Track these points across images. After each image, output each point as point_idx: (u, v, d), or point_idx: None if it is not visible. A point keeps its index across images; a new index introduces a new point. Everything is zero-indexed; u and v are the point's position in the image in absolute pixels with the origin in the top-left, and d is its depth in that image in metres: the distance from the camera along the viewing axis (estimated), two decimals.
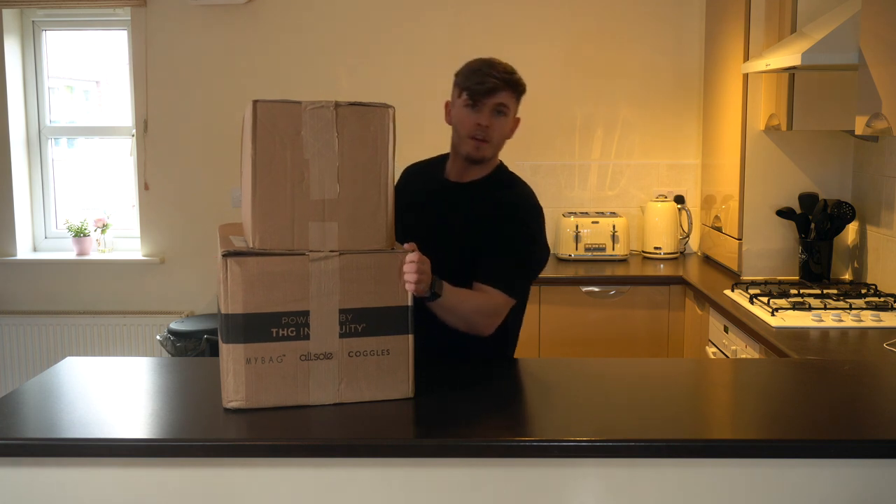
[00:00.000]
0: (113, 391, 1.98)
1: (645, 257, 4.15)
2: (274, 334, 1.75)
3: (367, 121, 1.80)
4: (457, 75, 2.25)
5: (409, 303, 1.82)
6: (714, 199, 4.00)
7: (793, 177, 3.53)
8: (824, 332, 2.69)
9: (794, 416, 1.83)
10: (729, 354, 3.05)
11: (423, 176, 2.38)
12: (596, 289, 3.72)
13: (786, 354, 2.45)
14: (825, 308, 2.87)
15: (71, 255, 4.43)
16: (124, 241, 4.52)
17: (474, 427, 1.76)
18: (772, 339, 2.59)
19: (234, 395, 1.75)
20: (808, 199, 3.47)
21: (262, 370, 1.75)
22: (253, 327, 1.74)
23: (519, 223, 2.18)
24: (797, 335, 2.64)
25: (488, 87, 2.14)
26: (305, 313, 1.76)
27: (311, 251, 1.76)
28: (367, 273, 1.79)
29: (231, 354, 1.74)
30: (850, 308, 2.87)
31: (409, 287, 1.81)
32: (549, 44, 4.25)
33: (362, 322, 1.79)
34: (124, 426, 1.74)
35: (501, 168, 2.31)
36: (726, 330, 3.09)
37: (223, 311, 1.75)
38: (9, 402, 1.86)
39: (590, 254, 4.02)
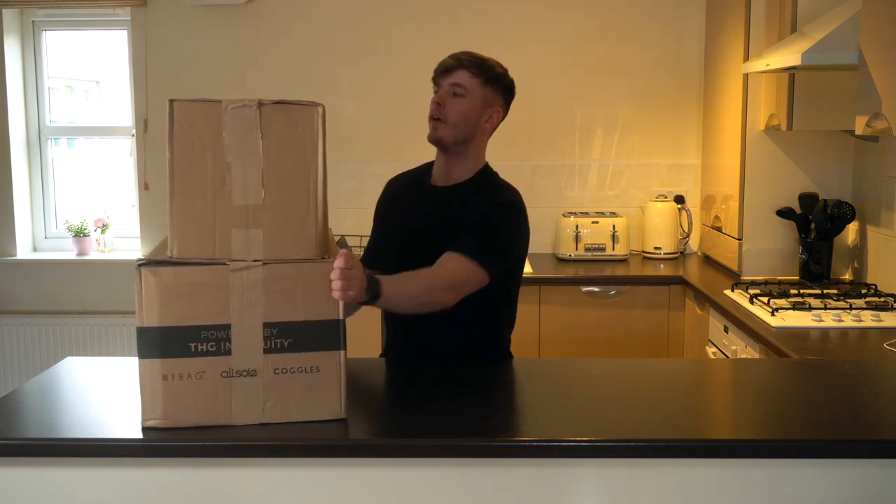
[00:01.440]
0: (113, 391, 1.98)
1: (645, 257, 4.15)
2: (192, 349, 1.65)
3: (293, 120, 1.69)
4: None
5: (341, 316, 1.69)
6: (714, 199, 3.99)
7: (793, 177, 3.53)
8: (824, 332, 2.69)
9: (794, 416, 1.83)
10: (729, 354, 3.05)
11: (409, 185, 2.34)
12: (596, 289, 3.72)
13: (786, 354, 2.45)
14: (825, 308, 2.87)
15: (71, 255, 4.43)
16: (124, 241, 4.52)
17: (474, 427, 1.75)
18: (772, 339, 2.59)
19: (151, 413, 1.66)
20: (808, 199, 3.47)
21: (181, 387, 1.65)
22: (170, 342, 1.64)
23: (496, 214, 2.15)
24: (797, 335, 2.64)
25: (444, 67, 2.17)
26: (226, 327, 1.65)
27: (232, 260, 1.66)
28: (293, 284, 1.67)
29: (147, 370, 1.65)
30: (850, 308, 2.87)
31: (337, 295, 1.68)
32: (550, 44, 4.25)
33: (289, 337, 1.68)
34: (124, 426, 1.73)
35: (486, 170, 2.27)
36: (726, 330, 3.09)
37: (137, 324, 1.65)
38: (9, 402, 1.86)
39: (590, 254, 4.02)
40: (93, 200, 4.62)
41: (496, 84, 2.19)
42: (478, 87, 2.16)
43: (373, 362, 2.34)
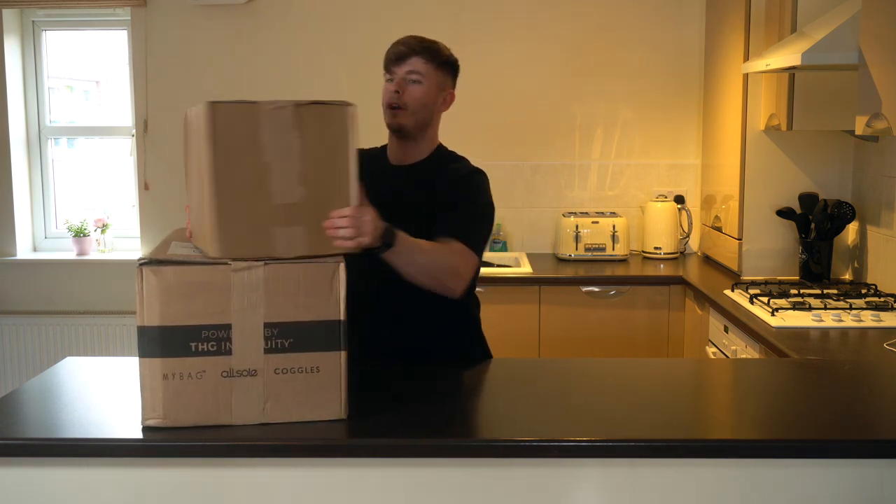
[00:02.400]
0: (113, 391, 1.98)
1: (645, 257, 4.15)
2: (193, 349, 1.65)
3: (327, 120, 1.73)
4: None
5: (342, 317, 1.70)
6: (714, 199, 3.99)
7: (793, 177, 3.53)
8: (824, 332, 2.69)
9: (794, 416, 1.83)
10: (729, 354, 3.05)
11: (368, 163, 2.34)
12: (596, 289, 3.72)
13: (786, 354, 2.45)
14: (825, 308, 2.87)
15: (71, 255, 4.43)
16: (124, 241, 4.52)
17: (474, 427, 1.75)
18: (772, 339, 2.59)
19: (151, 412, 1.67)
20: (808, 199, 3.47)
21: (181, 387, 1.65)
22: (170, 341, 1.64)
23: (468, 189, 2.19)
24: (797, 335, 2.64)
25: (397, 54, 2.19)
26: (227, 327, 1.65)
27: (234, 261, 1.66)
28: (294, 284, 1.67)
29: (147, 369, 1.65)
30: (850, 308, 2.87)
31: (347, 243, 1.70)
32: (550, 44, 4.25)
33: (289, 337, 1.68)
34: (124, 426, 1.73)
35: (441, 148, 2.32)
36: (726, 330, 3.09)
37: (138, 324, 1.65)
38: (9, 402, 1.86)
39: (590, 254, 4.02)
40: (93, 200, 4.62)
41: (447, 67, 2.23)
42: (432, 72, 2.19)
43: (373, 362, 2.34)
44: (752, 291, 3.12)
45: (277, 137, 1.69)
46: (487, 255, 4.16)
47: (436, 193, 2.18)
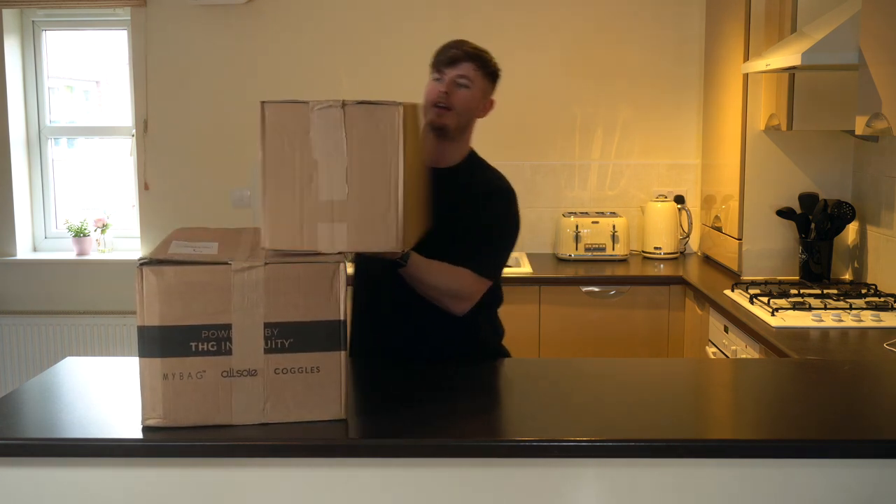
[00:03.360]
0: (113, 391, 1.98)
1: (645, 257, 4.15)
2: (193, 349, 1.65)
3: (376, 119, 1.76)
4: (433, 56, 2.31)
5: (342, 317, 1.70)
6: (714, 199, 4.00)
7: (793, 177, 3.53)
8: (824, 332, 2.69)
9: (794, 416, 1.83)
10: (729, 354, 3.05)
11: None
12: (596, 289, 3.72)
13: (786, 354, 2.45)
14: (825, 308, 2.87)
15: (71, 255, 4.43)
16: (124, 241, 4.52)
17: (474, 427, 1.75)
18: (772, 339, 2.59)
19: (151, 412, 1.67)
20: (808, 199, 3.47)
21: (181, 387, 1.65)
22: (170, 341, 1.64)
23: (494, 209, 2.26)
24: (797, 335, 2.64)
25: (450, 58, 2.24)
26: (227, 327, 1.66)
27: (235, 261, 1.67)
28: (294, 285, 1.68)
29: (147, 369, 1.65)
30: (850, 308, 2.87)
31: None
32: (550, 44, 4.25)
33: (289, 337, 1.68)
34: (124, 426, 1.73)
35: (473, 155, 2.36)
36: (726, 330, 3.10)
37: (138, 323, 1.66)
38: (9, 402, 1.86)
39: (590, 254, 4.02)
40: (93, 200, 4.62)
41: (492, 77, 2.30)
42: (480, 78, 2.26)
43: (373, 362, 2.34)
44: (752, 291, 3.12)
45: (326, 135, 1.74)
46: None
47: (464, 201, 2.23)
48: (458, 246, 2.16)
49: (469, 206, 2.22)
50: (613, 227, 4.04)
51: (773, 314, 2.81)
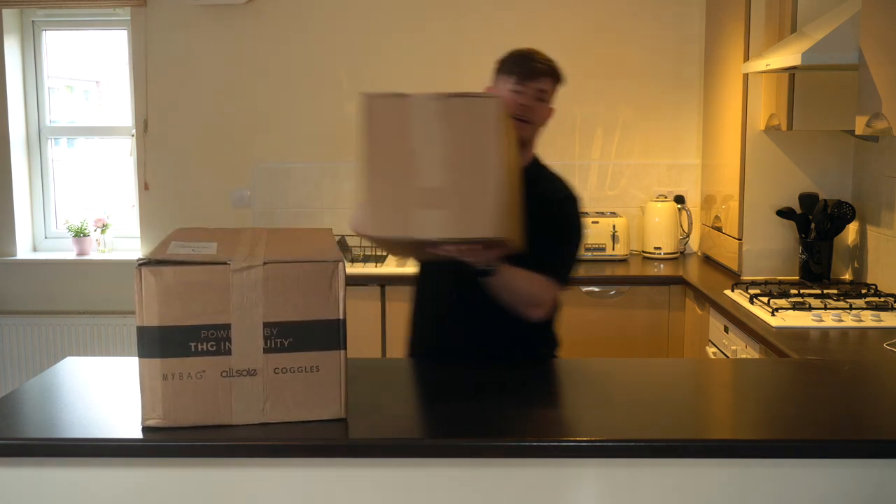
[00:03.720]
0: (113, 391, 1.98)
1: (645, 257, 4.15)
2: (192, 349, 1.65)
3: (474, 112, 1.82)
4: (501, 63, 2.32)
5: (341, 316, 1.69)
6: (714, 199, 4.00)
7: (793, 177, 3.53)
8: (824, 332, 2.69)
9: (794, 416, 1.83)
10: (729, 354, 3.05)
11: None
12: (596, 289, 3.72)
13: (786, 354, 2.45)
14: (825, 308, 2.87)
15: (71, 255, 4.43)
16: (124, 241, 4.52)
17: (474, 427, 1.75)
18: (772, 339, 2.59)
19: (150, 412, 1.67)
20: (808, 199, 3.47)
21: (181, 387, 1.65)
22: (170, 341, 1.64)
23: (565, 215, 2.33)
24: (797, 335, 2.64)
25: (534, 71, 2.25)
26: (226, 327, 1.65)
27: (233, 261, 1.67)
28: (293, 284, 1.67)
29: (147, 370, 1.65)
30: (850, 308, 2.87)
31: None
32: (549, 44, 4.21)
33: (288, 336, 1.68)
34: (124, 426, 1.73)
35: (537, 161, 2.38)
36: (726, 330, 3.10)
37: (137, 324, 1.65)
38: (9, 402, 1.86)
39: (590, 254, 4.02)
40: (93, 200, 4.62)
41: (560, 86, 2.34)
42: (554, 93, 2.31)
43: (373, 362, 2.34)
44: (752, 291, 3.12)
45: (424, 126, 1.80)
46: None
47: (534, 207, 2.22)
48: (531, 252, 2.17)
49: (539, 213, 2.21)
50: (613, 227, 4.04)
51: (773, 314, 2.81)
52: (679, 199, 4.21)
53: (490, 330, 2.26)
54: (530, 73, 2.25)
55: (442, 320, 2.33)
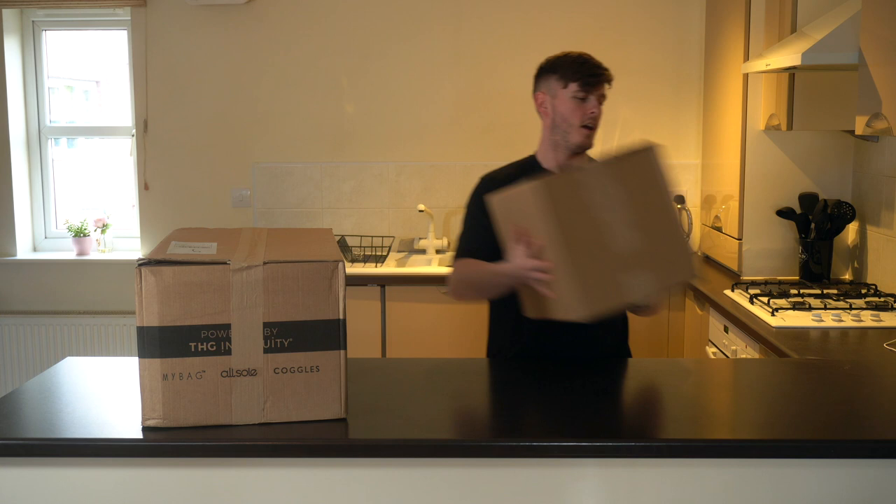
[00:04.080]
0: (113, 391, 1.98)
1: None
2: (193, 349, 1.65)
3: (640, 166, 1.86)
4: (558, 69, 2.32)
5: (341, 316, 1.70)
6: (714, 199, 3.99)
7: (793, 177, 3.53)
8: (824, 332, 2.69)
9: (794, 416, 1.83)
10: (729, 354, 3.05)
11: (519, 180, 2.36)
12: None
13: (786, 354, 2.45)
14: (825, 308, 2.87)
15: (71, 255, 4.43)
16: (124, 241, 4.52)
17: (474, 427, 1.75)
18: (772, 339, 2.59)
19: (150, 412, 1.67)
20: (808, 199, 3.47)
21: (181, 387, 1.66)
22: (170, 341, 1.64)
23: None
24: (797, 335, 2.64)
25: (600, 77, 2.25)
26: (226, 326, 1.66)
27: (233, 260, 1.67)
28: (293, 284, 1.67)
29: (147, 370, 1.65)
30: (850, 308, 2.87)
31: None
32: (550, 44, 4.23)
33: (289, 336, 1.68)
34: (124, 426, 1.73)
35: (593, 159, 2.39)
36: (726, 330, 3.09)
37: (138, 324, 1.66)
38: (9, 402, 1.86)
39: None
40: (93, 200, 4.62)
41: None
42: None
43: (373, 362, 2.34)
44: (752, 291, 3.12)
45: (604, 195, 1.82)
46: None
47: None
48: None
49: None
50: None
51: (773, 314, 2.81)
52: (679, 199, 4.21)
53: (596, 332, 2.20)
54: (594, 79, 2.24)
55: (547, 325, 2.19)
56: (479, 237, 2.25)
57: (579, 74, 2.24)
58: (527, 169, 2.36)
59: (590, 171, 1.82)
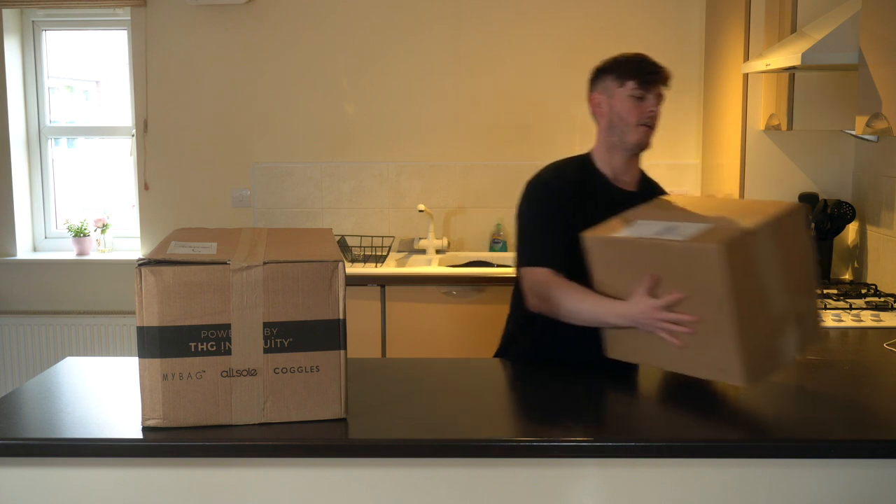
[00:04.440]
0: (113, 391, 1.98)
1: None
2: (193, 349, 1.66)
3: (794, 225, 1.85)
4: (615, 68, 2.28)
5: (341, 316, 1.71)
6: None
7: (793, 177, 3.53)
8: (824, 332, 2.69)
9: (795, 416, 1.83)
10: None
11: (595, 188, 2.30)
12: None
13: None
14: (825, 308, 2.87)
15: (71, 255, 4.43)
16: (124, 241, 4.52)
17: (474, 427, 1.75)
18: None
19: (150, 412, 1.68)
20: (808, 199, 3.47)
21: (181, 387, 1.66)
22: (170, 341, 1.65)
23: None
24: None
25: (657, 76, 2.26)
26: (226, 326, 1.66)
27: (233, 261, 1.67)
28: (293, 284, 1.68)
29: (147, 370, 1.66)
30: (850, 308, 2.87)
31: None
32: (550, 44, 4.25)
33: (289, 336, 1.68)
34: (124, 426, 1.73)
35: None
36: None
37: (138, 324, 1.66)
38: (9, 402, 1.86)
39: None
40: (93, 200, 4.62)
41: None
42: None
43: (373, 362, 2.34)
44: None
45: (767, 256, 1.80)
46: (487, 255, 4.17)
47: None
48: None
49: None
50: None
51: None
52: None
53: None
54: (652, 77, 2.24)
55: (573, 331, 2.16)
56: (558, 241, 2.15)
57: (637, 72, 2.25)
58: (584, 171, 2.30)
59: (760, 233, 1.78)
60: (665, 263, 1.84)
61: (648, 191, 2.34)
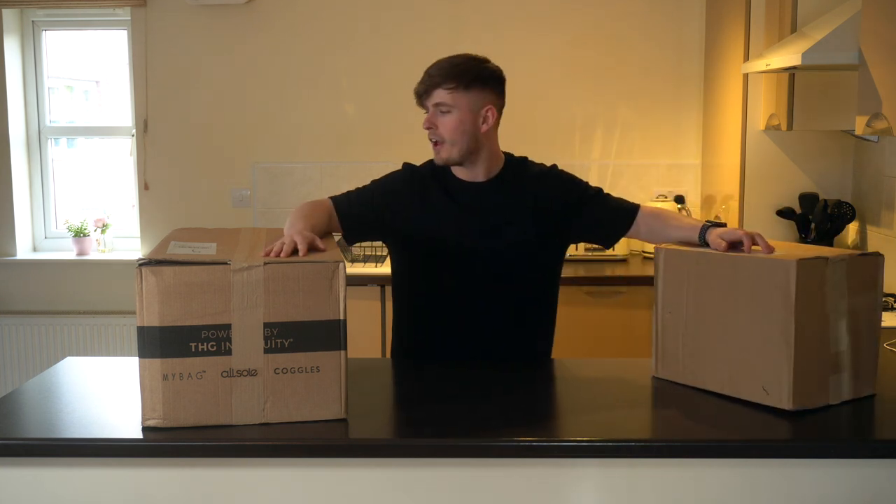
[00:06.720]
0: (113, 391, 1.98)
1: (645, 257, 4.15)
2: (193, 349, 1.65)
3: (869, 270, 1.86)
4: None
5: (341, 316, 1.70)
6: (714, 199, 3.99)
7: (793, 177, 3.53)
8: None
9: (794, 416, 1.83)
10: None
11: (432, 179, 2.26)
12: (596, 289, 3.71)
13: None
14: None
15: (71, 255, 4.43)
16: (124, 241, 4.52)
17: (474, 427, 1.75)
18: None
19: (150, 413, 1.67)
20: (808, 199, 3.47)
21: (181, 387, 1.66)
22: (170, 341, 1.65)
23: (574, 180, 2.33)
24: None
25: (420, 90, 2.15)
26: (227, 327, 1.66)
27: (234, 261, 1.67)
28: (294, 285, 1.68)
29: (147, 370, 1.66)
30: None
31: None
32: (549, 44, 4.25)
33: (289, 336, 1.68)
34: (124, 426, 1.73)
35: (510, 158, 2.31)
36: None
37: (138, 324, 1.66)
38: (9, 402, 1.86)
39: (590, 254, 4.02)
40: (93, 200, 4.62)
41: (478, 84, 2.13)
42: (460, 97, 2.11)
43: (373, 362, 2.34)
44: None
45: (836, 286, 1.80)
46: None
47: (543, 191, 2.24)
48: (603, 216, 2.26)
49: (557, 194, 2.24)
50: None
51: None
52: (679, 199, 4.21)
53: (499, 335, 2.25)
54: (420, 91, 2.14)
55: (455, 326, 2.23)
56: (362, 205, 2.24)
57: (415, 94, 2.18)
58: (439, 171, 2.26)
59: (833, 264, 1.78)
60: (733, 279, 1.87)
61: (508, 178, 2.24)
